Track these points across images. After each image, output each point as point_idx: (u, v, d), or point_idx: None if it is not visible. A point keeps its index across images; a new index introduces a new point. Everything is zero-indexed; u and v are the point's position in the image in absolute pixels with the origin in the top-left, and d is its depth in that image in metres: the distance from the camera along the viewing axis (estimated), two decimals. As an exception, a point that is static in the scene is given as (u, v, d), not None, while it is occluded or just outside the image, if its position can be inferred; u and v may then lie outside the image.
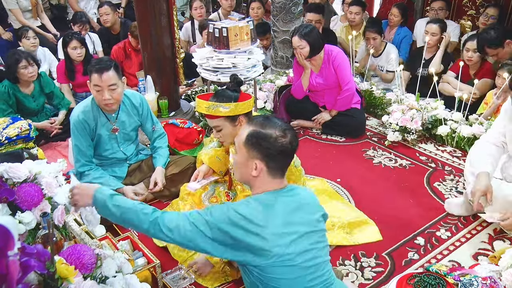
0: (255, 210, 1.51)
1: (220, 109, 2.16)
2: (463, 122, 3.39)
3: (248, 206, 1.52)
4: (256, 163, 1.56)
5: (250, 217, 1.49)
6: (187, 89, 4.27)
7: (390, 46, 4.48)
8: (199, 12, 5.09)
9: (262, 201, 1.55)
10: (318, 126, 3.72)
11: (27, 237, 1.66)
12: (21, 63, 3.31)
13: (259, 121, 1.60)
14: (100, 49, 4.85)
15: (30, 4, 4.89)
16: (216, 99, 2.20)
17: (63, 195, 1.85)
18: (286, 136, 1.56)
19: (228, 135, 2.25)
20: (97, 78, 2.41)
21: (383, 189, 2.95)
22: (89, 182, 2.59)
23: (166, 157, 2.82)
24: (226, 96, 2.21)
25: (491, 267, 1.98)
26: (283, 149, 1.56)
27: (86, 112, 2.56)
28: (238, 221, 1.48)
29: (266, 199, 1.56)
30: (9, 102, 3.41)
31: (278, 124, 1.58)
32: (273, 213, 1.53)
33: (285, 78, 4.21)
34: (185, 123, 3.32)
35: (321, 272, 1.58)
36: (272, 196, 1.58)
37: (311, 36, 3.35)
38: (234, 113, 2.18)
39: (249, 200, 1.57)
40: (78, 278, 1.32)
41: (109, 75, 2.42)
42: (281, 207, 1.56)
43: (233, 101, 2.18)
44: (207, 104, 2.17)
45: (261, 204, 1.54)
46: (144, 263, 2.12)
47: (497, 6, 4.34)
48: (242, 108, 2.20)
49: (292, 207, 1.58)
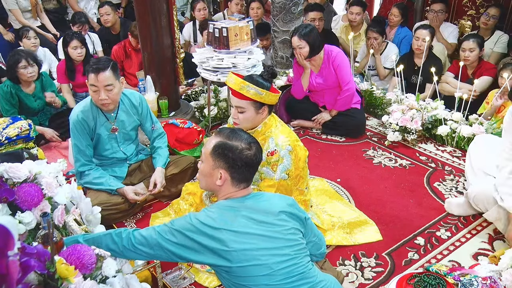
0: (214, 215, 1.56)
1: (254, 92, 2.14)
2: (463, 122, 3.39)
3: (208, 214, 1.57)
4: (221, 173, 1.61)
5: (209, 223, 1.53)
6: (187, 89, 4.27)
7: (391, 46, 4.48)
8: (202, 14, 5.08)
9: (221, 206, 1.60)
10: (318, 126, 3.72)
11: (27, 237, 1.66)
12: (21, 63, 3.31)
13: (226, 133, 1.66)
14: (100, 49, 4.85)
15: (29, 4, 4.89)
16: (248, 79, 2.18)
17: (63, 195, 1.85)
18: (251, 149, 1.63)
19: (248, 119, 2.23)
20: (94, 78, 2.41)
21: (383, 189, 2.95)
22: (89, 182, 2.59)
23: (165, 157, 2.81)
24: (259, 81, 2.19)
25: (491, 267, 1.98)
26: (248, 161, 1.61)
27: (85, 111, 2.55)
28: (200, 227, 1.53)
29: (225, 204, 1.61)
30: (12, 102, 3.42)
31: (244, 137, 1.65)
32: (230, 215, 1.56)
33: (285, 78, 4.21)
34: (185, 123, 3.32)
35: (292, 268, 1.57)
36: (234, 202, 1.63)
37: (311, 36, 3.35)
38: (264, 100, 2.18)
39: (209, 209, 1.61)
40: (78, 278, 1.32)
41: (105, 75, 2.41)
42: (240, 210, 1.59)
43: (265, 88, 2.18)
44: (243, 82, 2.15)
45: (220, 209, 1.59)
46: (144, 263, 2.12)
47: (498, 6, 4.34)
48: (272, 98, 2.21)
49: (252, 209, 1.61)
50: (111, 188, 2.58)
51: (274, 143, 2.22)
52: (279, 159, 2.20)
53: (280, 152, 2.19)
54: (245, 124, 2.25)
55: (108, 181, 2.60)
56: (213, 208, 1.60)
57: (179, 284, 2.16)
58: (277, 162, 2.20)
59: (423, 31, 3.99)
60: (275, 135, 2.25)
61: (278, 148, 2.20)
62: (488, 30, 4.31)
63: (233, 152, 1.60)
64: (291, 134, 2.31)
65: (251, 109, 2.20)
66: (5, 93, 3.38)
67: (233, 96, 2.22)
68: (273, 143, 2.22)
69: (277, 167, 2.20)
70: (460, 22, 4.85)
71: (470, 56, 3.80)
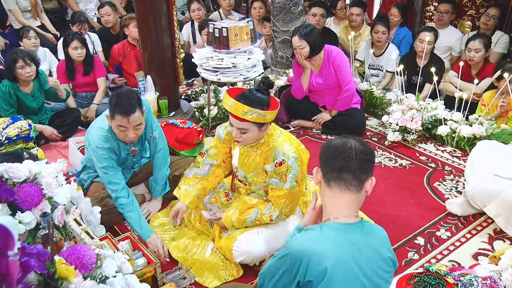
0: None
1: (257, 116, 2.04)
2: (463, 122, 3.39)
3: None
4: (317, 169, 1.50)
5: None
6: (187, 89, 4.27)
7: (392, 47, 4.48)
8: (197, 14, 5.13)
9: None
10: (318, 126, 3.72)
11: (27, 237, 1.66)
12: (18, 63, 3.30)
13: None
14: (100, 49, 4.85)
15: (29, 4, 4.89)
16: (247, 101, 2.04)
17: (63, 195, 1.85)
18: (348, 142, 1.46)
19: (252, 138, 2.16)
20: (124, 120, 2.28)
21: (383, 189, 2.95)
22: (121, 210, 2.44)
23: (162, 184, 2.72)
24: (259, 99, 2.06)
25: (491, 267, 1.99)
26: (334, 151, 1.45)
27: (108, 141, 2.43)
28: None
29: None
30: (11, 101, 3.41)
31: (348, 136, 1.51)
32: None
33: (285, 78, 4.21)
34: (185, 123, 3.32)
35: None
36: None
37: (311, 36, 3.35)
38: (267, 120, 2.09)
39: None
40: (78, 278, 1.32)
41: (135, 116, 2.29)
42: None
43: (265, 107, 2.06)
44: (245, 108, 2.02)
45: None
46: (144, 263, 2.12)
47: (498, 6, 4.34)
48: (273, 116, 2.11)
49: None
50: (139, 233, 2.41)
51: (280, 153, 2.15)
52: (288, 168, 2.14)
53: (288, 161, 2.13)
54: (249, 142, 2.20)
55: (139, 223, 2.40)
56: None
57: (179, 284, 2.16)
58: (286, 171, 2.14)
59: (427, 34, 3.98)
60: (280, 144, 2.18)
61: (285, 158, 2.14)
62: (488, 30, 4.30)
63: (327, 147, 1.48)
64: (292, 139, 2.25)
65: (254, 129, 2.11)
66: (4, 93, 3.36)
67: (234, 118, 2.11)
68: (280, 153, 2.15)
69: (286, 177, 2.15)
70: (460, 22, 4.85)
71: (476, 57, 3.76)
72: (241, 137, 2.15)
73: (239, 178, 2.39)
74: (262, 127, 2.13)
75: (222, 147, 2.42)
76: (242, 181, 2.39)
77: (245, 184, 2.38)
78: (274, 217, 2.21)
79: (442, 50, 4.46)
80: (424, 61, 3.89)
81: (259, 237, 2.23)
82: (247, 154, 2.28)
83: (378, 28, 4.35)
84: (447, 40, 4.48)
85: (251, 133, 2.13)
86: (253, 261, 2.23)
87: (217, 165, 2.43)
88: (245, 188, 2.41)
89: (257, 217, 2.23)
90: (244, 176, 2.35)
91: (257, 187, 2.35)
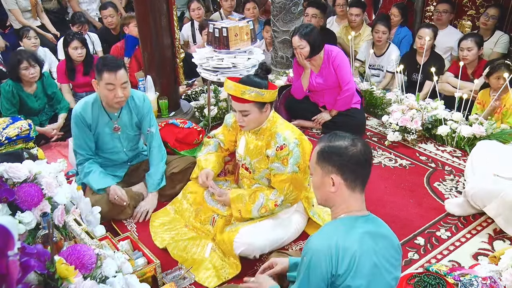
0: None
1: (256, 94, 2.17)
2: (463, 122, 3.39)
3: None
4: (332, 178, 1.52)
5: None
6: (187, 89, 4.27)
7: (393, 47, 4.48)
8: (197, 14, 5.15)
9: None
10: (318, 126, 3.72)
11: (27, 237, 1.66)
12: (23, 64, 3.32)
13: (326, 138, 1.60)
14: (100, 49, 4.85)
15: (29, 4, 4.89)
16: (246, 83, 2.20)
17: (63, 195, 1.85)
18: (356, 145, 1.53)
19: (254, 120, 2.27)
20: (112, 76, 2.42)
21: (383, 189, 2.95)
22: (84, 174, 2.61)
23: (157, 179, 2.74)
24: (257, 82, 2.21)
25: (491, 267, 1.98)
26: (356, 159, 1.52)
27: (85, 108, 2.58)
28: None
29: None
30: (13, 101, 3.42)
31: (345, 136, 1.58)
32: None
33: (285, 78, 4.21)
34: (185, 123, 3.32)
35: None
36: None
37: (311, 36, 3.35)
38: (266, 99, 2.21)
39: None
40: (78, 278, 1.32)
41: (121, 73, 2.45)
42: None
43: (264, 88, 2.21)
44: (243, 88, 2.17)
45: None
46: (144, 263, 2.12)
47: (498, 6, 4.34)
48: (273, 95, 2.25)
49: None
50: (99, 187, 2.59)
51: (281, 138, 2.25)
52: (289, 152, 2.23)
53: (289, 146, 2.23)
54: (252, 125, 2.31)
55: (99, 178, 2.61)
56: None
57: (179, 284, 2.16)
58: (287, 156, 2.23)
59: (426, 30, 3.99)
60: (281, 130, 2.29)
61: (286, 142, 2.24)
62: (488, 30, 4.31)
63: (339, 153, 1.52)
64: (294, 128, 2.36)
65: (255, 110, 2.24)
66: (7, 92, 3.39)
67: (235, 101, 2.24)
68: (281, 138, 2.25)
69: (287, 161, 2.23)
70: (460, 22, 4.85)
71: (469, 56, 3.79)
72: (244, 120, 2.26)
73: (246, 166, 2.46)
74: (263, 109, 2.24)
75: (228, 134, 2.57)
76: (248, 168, 2.45)
77: (250, 172, 2.44)
78: (279, 202, 2.27)
79: (442, 51, 4.45)
80: (424, 58, 3.89)
81: (259, 230, 2.28)
82: (252, 141, 2.37)
83: (378, 27, 4.35)
84: (447, 40, 4.48)
85: (253, 115, 2.24)
86: (253, 253, 2.26)
87: (223, 146, 2.61)
88: (249, 177, 2.46)
89: (263, 203, 2.29)
90: (249, 162, 2.42)
91: (260, 175, 2.41)
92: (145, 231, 2.57)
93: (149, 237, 2.51)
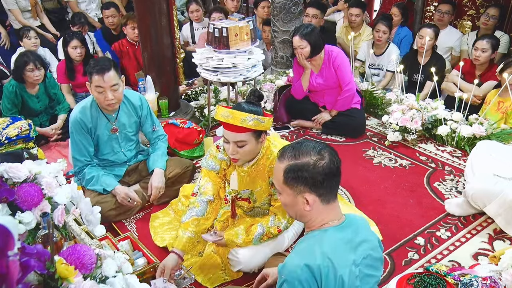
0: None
1: (256, 122, 1.94)
2: (463, 122, 3.39)
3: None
4: (305, 197, 1.42)
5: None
6: (187, 89, 4.27)
7: (392, 46, 4.49)
8: (196, 15, 5.17)
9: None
10: (318, 126, 3.72)
11: (27, 237, 1.66)
12: (29, 66, 3.34)
13: (289, 153, 1.45)
14: (100, 49, 4.85)
15: (29, 4, 4.89)
16: (243, 110, 1.96)
17: (63, 195, 1.85)
18: (324, 157, 1.42)
19: (249, 152, 2.05)
20: (99, 79, 2.39)
21: (383, 189, 2.95)
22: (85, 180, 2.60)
23: (165, 160, 2.79)
24: (254, 109, 1.98)
25: (491, 267, 1.98)
26: (327, 171, 1.41)
27: (84, 112, 2.55)
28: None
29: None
30: (15, 101, 3.44)
31: (310, 148, 1.44)
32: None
33: (285, 78, 4.21)
34: (185, 123, 3.32)
35: None
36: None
37: (312, 36, 3.35)
38: (265, 127, 2.00)
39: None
40: (78, 278, 1.32)
41: (110, 75, 2.40)
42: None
43: (261, 115, 1.99)
44: (242, 115, 1.92)
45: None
46: (144, 263, 2.12)
47: (498, 6, 4.34)
48: (270, 123, 2.03)
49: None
50: (104, 188, 2.59)
51: None
52: None
53: None
54: (247, 157, 2.08)
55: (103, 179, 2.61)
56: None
57: (179, 284, 2.16)
58: None
59: (428, 30, 3.97)
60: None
61: None
62: (488, 30, 4.30)
63: (308, 171, 1.39)
64: (285, 144, 2.15)
65: (252, 140, 2.00)
66: (10, 93, 3.40)
67: (230, 131, 1.98)
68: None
69: None
70: (460, 22, 4.85)
71: (481, 57, 3.70)
72: (238, 153, 2.02)
73: (243, 197, 2.30)
74: (260, 138, 2.04)
75: (215, 177, 2.25)
76: (247, 199, 2.30)
77: (250, 202, 2.30)
78: (282, 226, 2.15)
79: (443, 51, 4.46)
80: (425, 58, 3.88)
81: (257, 251, 2.19)
82: (248, 174, 2.19)
83: (379, 27, 4.35)
84: (447, 40, 4.49)
85: (249, 146, 2.01)
86: (251, 270, 2.22)
87: (213, 200, 2.23)
88: (249, 206, 2.33)
89: (264, 231, 2.14)
90: (250, 193, 2.27)
91: (262, 202, 2.28)
92: (145, 231, 2.57)
93: (149, 237, 2.52)
